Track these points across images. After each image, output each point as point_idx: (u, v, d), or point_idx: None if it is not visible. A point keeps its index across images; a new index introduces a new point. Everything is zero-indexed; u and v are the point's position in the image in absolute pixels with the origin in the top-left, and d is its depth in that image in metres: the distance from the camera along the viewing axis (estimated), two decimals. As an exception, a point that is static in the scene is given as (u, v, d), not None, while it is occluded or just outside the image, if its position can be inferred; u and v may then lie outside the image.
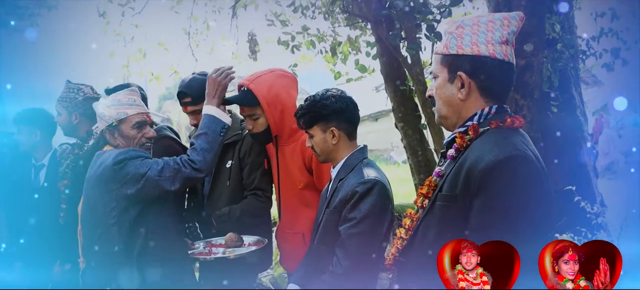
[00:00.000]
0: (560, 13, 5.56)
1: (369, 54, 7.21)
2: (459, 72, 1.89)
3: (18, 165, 4.26)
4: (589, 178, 6.03)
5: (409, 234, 2.03)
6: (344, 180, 2.75)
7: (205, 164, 2.92)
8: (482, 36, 1.88)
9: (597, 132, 13.18)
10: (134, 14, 8.64)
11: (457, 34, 1.91)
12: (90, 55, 19.12)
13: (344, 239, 2.61)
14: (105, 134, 3.02)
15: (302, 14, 7.57)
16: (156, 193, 2.86)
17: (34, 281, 4.22)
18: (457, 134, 1.93)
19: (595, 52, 6.15)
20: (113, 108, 2.99)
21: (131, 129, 3.00)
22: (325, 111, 2.78)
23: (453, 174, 1.85)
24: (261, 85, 3.25)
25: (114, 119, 2.97)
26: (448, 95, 1.94)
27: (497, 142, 1.79)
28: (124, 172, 2.83)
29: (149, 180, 2.82)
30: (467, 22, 1.92)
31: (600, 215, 5.23)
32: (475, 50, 1.87)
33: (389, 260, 2.14)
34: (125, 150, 2.91)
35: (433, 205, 1.92)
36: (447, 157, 1.96)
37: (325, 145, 2.81)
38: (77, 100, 3.88)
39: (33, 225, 4.08)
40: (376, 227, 2.62)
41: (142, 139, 3.03)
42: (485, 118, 1.91)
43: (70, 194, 3.86)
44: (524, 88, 4.77)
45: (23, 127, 4.11)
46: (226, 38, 9.11)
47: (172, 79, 9.48)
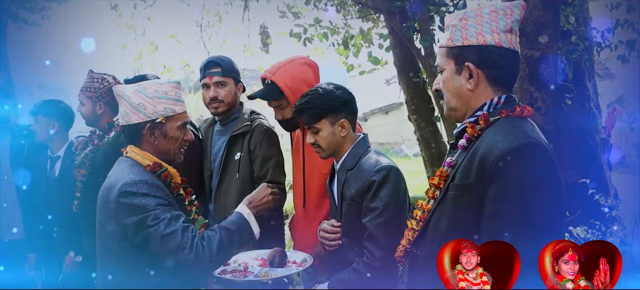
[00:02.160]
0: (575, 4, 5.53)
1: (382, 46, 7.21)
2: (467, 63, 1.91)
3: (34, 157, 4.30)
4: (602, 171, 5.99)
5: (420, 225, 2.04)
6: (353, 171, 2.74)
7: (212, 261, 2.42)
8: (487, 26, 1.90)
9: (610, 125, 13.11)
10: (146, 7, 8.69)
11: (461, 25, 1.93)
12: (102, 48, 19.14)
13: (371, 231, 2.60)
14: (140, 130, 2.53)
15: (315, 6, 7.58)
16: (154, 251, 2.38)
17: (46, 272, 4.27)
18: (468, 124, 1.94)
19: (610, 43, 6.11)
20: (159, 101, 2.52)
21: (177, 129, 2.56)
22: (336, 103, 2.75)
23: (465, 164, 1.87)
24: (283, 76, 3.24)
25: (160, 115, 2.51)
26: (456, 87, 1.96)
27: (510, 131, 1.80)
28: (128, 211, 2.37)
29: (151, 238, 2.35)
30: (470, 13, 1.94)
31: (614, 208, 5.21)
32: (481, 40, 1.89)
33: (400, 252, 2.15)
34: (139, 182, 2.41)
35: (445, 196, 1.93)
36: (458, 147, 1.97)
37: (333, 138, 2.77)
38: (101, 90, 3.90)
39: (48, 216, 4.12)
40: (400, 211, 2.62)
41: (182, 142, 2.62)
42: (495, 107, 1.92)
43: (87, 184, 3.88)
44: (539, 80, 4.76)
45: (41, 118, 4.15)
46: (238, 30, 9.15)
47: (184, 71, 9.52)
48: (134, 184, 2.39)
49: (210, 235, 2.43)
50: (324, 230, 2.85)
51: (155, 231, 2.33)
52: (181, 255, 2.33)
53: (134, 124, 2.52)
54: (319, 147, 2.81)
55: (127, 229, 2.36)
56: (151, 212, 2.35)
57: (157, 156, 2.57)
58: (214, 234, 2.44)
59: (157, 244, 2.34)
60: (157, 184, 2.46)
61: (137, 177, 2.43)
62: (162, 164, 2.55)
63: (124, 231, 2.38)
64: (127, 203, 2.36)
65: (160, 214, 2.36)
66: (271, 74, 3.25)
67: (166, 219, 2.35)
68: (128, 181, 2.40)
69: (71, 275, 3.99)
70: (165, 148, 2.57)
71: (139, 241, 2.36)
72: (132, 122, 2.52)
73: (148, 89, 2.53)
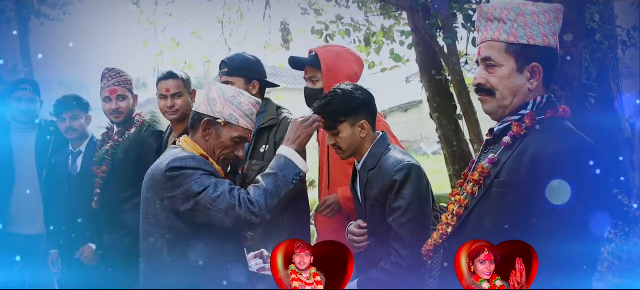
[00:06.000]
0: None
1: (403, 43, 7.20)
2: (534, 64, 1.90)
3: (58, 153, 4.33)
4: (626, 171, 5.94)
5: (455, 220, 2.04)
6: (374, 171, 2.72)
7: (265, 210, 2.44)
8: (548, 27, 1.90)
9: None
10: (168, 3, 8.74)
11: (523, 22, 1.90)
12: (123, 44, 19.32)
13: (396, 231, 2.59)
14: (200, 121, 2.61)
15: (336, 3, 7.59)
16: (206, 221, 2.45)
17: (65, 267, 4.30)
18: (514, 123, 1.93)
19: (635, 42, 6.04)
20: (230, 106, 2.59)
21: (231, 139, 2.61)
22: (355, 104, 2.73)
23: (513, 162, 1.87)
24: (328, 54, 3.42)
25: (222, 117, 2.58)
26: (517, 86, 1.93)
27: (564, 132, 1.84)
28: (176, 182, 2.44)
29: (200, 204, 2.42)
30: (525, 10, 1.92)
31: (638, 209, 5.17)
32: (546, 41, 1.90)
33: (430, 246, 2.15)
34: (187, 157, 2.50)
35: (488, 193, 1.93)
36: (502, 144, 1.95)
37: (353, 139, 2.75)
38: (132, 83, 3.98)
39: (70, 212, 4.17)
40: (424, 208, 2.62)
41: (231, 155, 2.66)
42: (538, 107, 1.93)
43: (106, 180, 3.93)
44: (564, 79, 4.72)
45: (66, 114, 4.15)
46: (259, 27, 9.17)
47: (204, 68, 9.57)
48: (180, 159, 2.48)
49: (255, 188, 2.48)
50: (352, 232, 2.85)
51: (204, 197, 2.41)
52: (233, 213, 2.40)
53: (199, 113, 2.63)
54: (338, 149, 2.80)
55: (176, 200, 2.44)
56: (197, 180, 2.43)
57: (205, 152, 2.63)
58: (259, 186, 2.49)
59: (208, 209, 2.41)
60: (203, 160, 2.54)
61: (181, 155, 2.52)
62: (208, 158, 2.59)
63: (172, 203, 2.45)
64: (175, 175, 2.44)
65: (206, 181, 2.44)
66: (320, 49, 3.45)
67: (212, 184, 2.43)
68: (175, 158, 2.49)
69: (90, 268, 4.05)
70: (213, 149, 2.62)
71: (188, 210, 2.43)
72: (200, 111, 2.63)
73: (228, 92, 2.63)
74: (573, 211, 1.69)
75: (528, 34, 1.89)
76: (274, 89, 4.05)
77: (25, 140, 4.39)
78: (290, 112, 3.68)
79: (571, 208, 1.69)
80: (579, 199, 1.69)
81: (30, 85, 4.41)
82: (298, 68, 3.55)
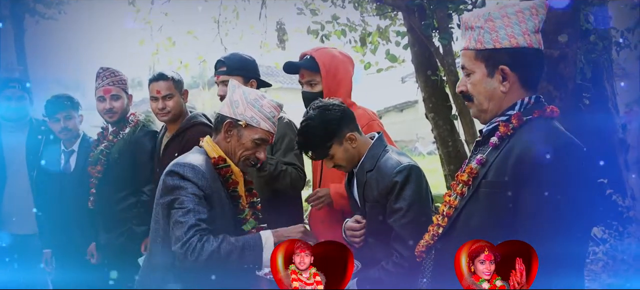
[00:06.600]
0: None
1: (399, 43, 7.20)
2: (501, 66, 1.91)
3: (49, 152, 4.28)
4: (620, 171, 5.97)
5: (445, 220, 2.05)
6: (372, 172, 2.72)
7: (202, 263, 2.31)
8: (517, 27, 1.90)
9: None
10: (163, 3, 8.73)
11: (489, 27, 1.92)
12: (118, 43, 19.27)
13: (397, 231, 2.60)
14: (223, 122, 2.60)
15: (332, 3, 7.59)
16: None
17: (62, 268, 4.28)
18: (500, 123, 1.95)
19: (629, 43, 6.06)
20: (252, 109, 2.59)
21: (252, 141, 2.59)
22: (334, 125, 2.71)
23: (499, 162, 1.87)
24: (325, 56, 3.40)
25: (244, 119, 2.57)
26: (490, 90, 1.95)
27: (547, 130, 1.83)
28: (166, 190, 2.43)
29: (170, 217, 2.39)
30: (495, 14, 1.93)
31: (632, 209, 5.20)
32: (513, 43, 1.89)
33: (422, 247, 2.16)
34: (185, 164, 2.45)
35: (476, 193, 1.94)
36: (490, 144, 1.97)
37: (348, 154, 2.75)
38: (126, 83, 3.97)
39: (63, 211, 4.15)
40: (424, 209, 2.62)
41: (251, 156, 2.63)
42: (526, 108, 1.93)
43: (102, 180, 3.92)
44: (558, 79, 4.75)
45: (60, 113, 4.12)
46: (255, 27, 9.18)
47: (200, 67, 9.56)
48: (180, 165, 2.44)
49: (210, 240, 2.34)
50: (350, 227, 2.83)
51: (174, 214, 2.36)
52: (175, 246, 2.32)
53: (222, 114, 2.62)
54: (340, 167, 2.80)
55: (162, 209, 2.44)
56: (180, 197, 2.37)
57: (225, 153, 2.61)
58: (215, 241, 2.34)
59: (171, 225, 2.37)
60: (205, 173, 2.47)
61: (189, 160, 2.48)
62: (226, 160, 2.59)
63: (159, 210, 2.46)
64: (168, 182, 2.42)
65: (186, 202, 2.37)
66: (314, 51, 3.42)
67: (186, 209, 2.35)
68: (178, 162, 2.47)
69: (84, 267, 4.03)
70: (234, 150, 2.61)
71: (167, 215, 2.41)
72: (223, 113, 2.62)
73: (251, 95, 2.62)
74: (558, 210, 1.70)
75: (494, 38, 1.90)
76: (269, 88, 4.05)
77: (15, 139, 4.34)
78: (285, 112, 3.69)
79: (556, 207, 1.70)
80: (563, 198, 1.70)
81: (19, 83, 4.37)
82: (294, 72, 3.52)
